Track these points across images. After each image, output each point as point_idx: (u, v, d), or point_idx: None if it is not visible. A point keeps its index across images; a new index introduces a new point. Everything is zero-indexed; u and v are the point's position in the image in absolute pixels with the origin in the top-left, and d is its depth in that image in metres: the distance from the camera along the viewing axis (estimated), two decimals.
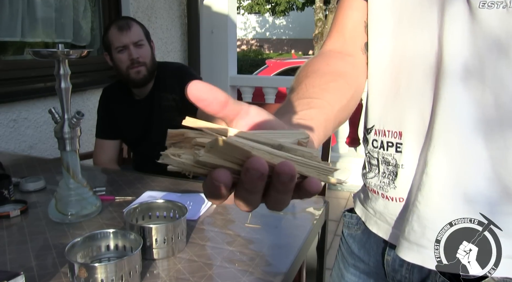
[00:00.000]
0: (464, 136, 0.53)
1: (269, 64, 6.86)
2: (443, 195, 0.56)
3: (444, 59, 0.53)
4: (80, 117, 0.99)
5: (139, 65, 1.53)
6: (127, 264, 0.71)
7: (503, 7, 0.47)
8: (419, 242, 0.59)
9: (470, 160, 0.54)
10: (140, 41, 1.53)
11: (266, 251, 0.87)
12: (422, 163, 0.58)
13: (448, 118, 0.54)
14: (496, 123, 0.52)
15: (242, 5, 19.79)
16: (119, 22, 1.55)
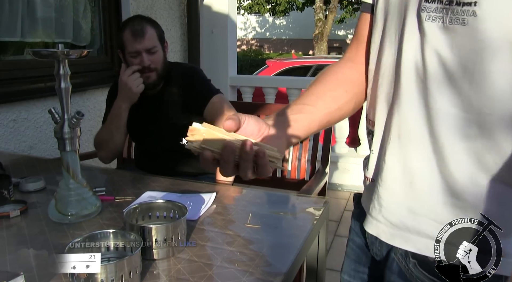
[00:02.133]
0: (413, 131, 0.63)
1: (269, 64, 6.85)
2: (396, 180, 0.67)
3: (401, 65, 0.63)
4: (80, 118, 0.99)
5: (150, 71, 1.53)
6: (127, 264, 0.71)
7: (442, 23, 0.56)
8: (377, 218, 0.72)
9: (417, 152, 0.63)
10: (153, 48, 1.53)
11: (266, 251, 0.87)
12: (383, 150, 0.69)
13: (401, 115, 0.65)
14: (436, 122, 0.61)
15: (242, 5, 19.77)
16: (134, 25, 1.52)
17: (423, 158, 0.63)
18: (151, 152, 1.68)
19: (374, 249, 0.78)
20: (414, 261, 0.66)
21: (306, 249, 0.95)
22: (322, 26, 13.33)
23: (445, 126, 0.60)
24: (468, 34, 0.54)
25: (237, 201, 1.16)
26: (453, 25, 0.55)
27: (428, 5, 0.57)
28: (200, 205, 1.08)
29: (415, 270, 0.66)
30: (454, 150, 0.59)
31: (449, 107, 0.59)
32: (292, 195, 1.20)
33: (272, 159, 0.61)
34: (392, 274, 0.71)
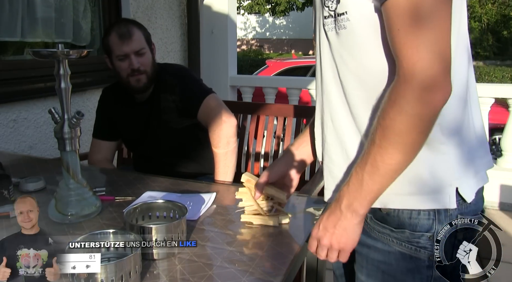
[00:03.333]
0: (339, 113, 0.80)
1: (269, 64, 6.85)
2: (338, 154, 0.83)
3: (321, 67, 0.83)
4: (80, 117, 0.99)
5: (140, 73, 1.49)
6: (127, 264, 0.71)
7: (335, 31, 0.74)
8: (332, 188, 0.85)
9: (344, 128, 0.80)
10: (141, 50, 1.49)
11: (266, 251, 0.87)
12: (323, 134, 0.87)
13: (330, 103, 0.82)
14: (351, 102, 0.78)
15: (242, 5, 19.76)
16: (120, 28, 1.49)
17: (349, 130, 0.79)
18: (147, 156, 1.67)
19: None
20: (370, 215, 0.81)
21: (306, 249, 0.95)
22: None
23: (354, 104, 0.77)
24: (350, 35, 0.72)
25: (237, 201, 1.16)
26: (340, 30, 0.73)
27: (325, 21, 0.76)
28: (200, 205, 1.08)
29: (372, 223, 0.80)
30: (362, 120, 0.76)
31: (352, 89, 0.76)
32: (292, 195, 1.20)
33: (277, 200, 0.97)
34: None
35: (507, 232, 2.52)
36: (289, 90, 3.55)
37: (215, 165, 1.51)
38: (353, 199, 0.72)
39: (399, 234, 0.75)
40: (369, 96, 0.74)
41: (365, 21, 0.70)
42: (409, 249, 0.74)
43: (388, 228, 0.77)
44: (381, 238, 0.79)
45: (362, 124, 0.76)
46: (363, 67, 0.73)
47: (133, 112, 1.60)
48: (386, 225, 0.77)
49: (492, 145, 4.76)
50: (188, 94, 1.55)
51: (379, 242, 0.79)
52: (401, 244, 0.75)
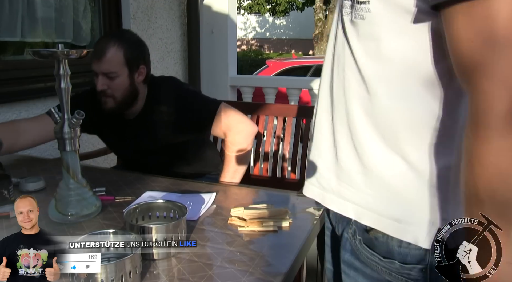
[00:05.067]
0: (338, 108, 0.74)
1: (269, 64, 6.85)
2: (328, 150, 0.77)
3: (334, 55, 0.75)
4: (80, 118, 0.99)
5: (105, 96, 1.36)
6: (127, 264, 0.71)
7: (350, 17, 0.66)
8: (312, 182, 0.83)
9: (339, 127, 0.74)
10: (111, 74, 1.34)
11: (266, 251, 0.87)
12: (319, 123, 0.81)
13: (333, 95, 0.76)
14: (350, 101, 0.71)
15: (242, 5, 19.76)
16: (98, 43, 1.38)
17: (343, 132, 0.73)
18: (133, 160, 1.59)
19: (336, 230, 0.84)
20: (359, 238, 0.74)
21: (306, 249, 0.95)
22: (322, 26, 13.32)
23: (354, 104, 0.70)
24: (368, 27, 0.64)
25: (237, 201, 1.16)
26: (357, 20, 0.65)
27: (345, 2, 0.67)
28: (200, 205, 1.08)
29: (361, 247, 0.73)
30: (361, 125, 0.70)
31: (357, 87, 0.69)
32: (292, 195, 1.20)
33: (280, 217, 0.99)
34: (346, 252, 0.78)
35: None
36: (289, 90, 3.55)
37: (225, 166, 1.44)
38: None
39: (388, 264, 0.69)
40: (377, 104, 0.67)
41: (389, 18, 0.61)
42: (399, 280, 0.69)
43: (377, 256, 0.71)
44: (369, 263, 0.73)
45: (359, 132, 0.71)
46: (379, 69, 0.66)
47: (122, 130, 1.50)
48: (375, 252, 0.71)
49: None
50: (194, 113, 1.43)
51: (367, 268, 0.74)
52: (391, 274, 0.70)
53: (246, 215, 0.98)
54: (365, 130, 0.70)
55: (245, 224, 0.97)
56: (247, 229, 0.96)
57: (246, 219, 0.97)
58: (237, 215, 1.00)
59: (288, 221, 0.98)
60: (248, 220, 0.97)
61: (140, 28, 2.95)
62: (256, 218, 0.97)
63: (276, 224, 0.96)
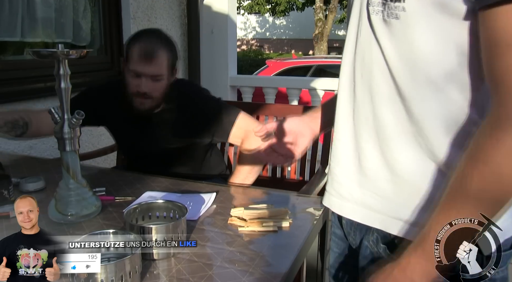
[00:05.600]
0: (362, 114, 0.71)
1: (269, 64, 6.85)
2: (348, 157, 0.75)
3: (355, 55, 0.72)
4: (80, 118, 0.99)
5: (146, 98, 1.35)
6: (127, 264, 0.71)
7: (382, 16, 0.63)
8: (329, 190, 0.81)
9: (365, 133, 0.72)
10: (158, 77, 1.33)
11: (266, 251, 0.87)
12: (338, 129, 0.79)
13: (356, 101, 0.72)
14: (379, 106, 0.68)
15: (242, 5, 19.75)
16: (146, 43, 1.33)
17: (369, 138, 0.70)
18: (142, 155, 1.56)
19: (349, 238, 0.83)
20: (384, 246, 0.72)
21: (306, 249, 0.95)
22: (322, 26, 13.32)
23: (384, 108, 0.67)
24: (402, 27, 0.61)
25: (237, 201, 1.16)
26: (390, 19, 0.62)
27: (373, 0, 0.64)
28: (200, 205, 1.08)
29: (385, 254, 0.71)
30: (394, 132, 0.67)
31: (388, 92, 0.66)
32: (292, 195, 1.20)
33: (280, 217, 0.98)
34: (365, 260, 0.76)
35: None
36: (289, 90, 3.56)
37: (238, 167, 1.44)
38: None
39: None
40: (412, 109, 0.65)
41: (426, 18, 0.59)
42: None
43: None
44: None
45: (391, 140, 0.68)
46: (412, 73, 0.64)
47: (138, 124, 1.48)
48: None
49: None
50: (218, 118, 1.43)
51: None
52: None
53: (246, 215, 0.98)
54: (397, 136, 0.67)
55: (245, 224, 0.97)
56: (247, 229, 0.96)
57: (246, 219, 0.97)
58: (237, 215, 1.00)
59: (288, 221, 0.98)
60: (248, 220, 0.97)
61: (140, 28, 2.95)
62: (256, 218, 0.97)
63: (276, 224, 0.96)
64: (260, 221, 0.97)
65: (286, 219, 0.99)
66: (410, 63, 0.63)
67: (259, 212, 0.98)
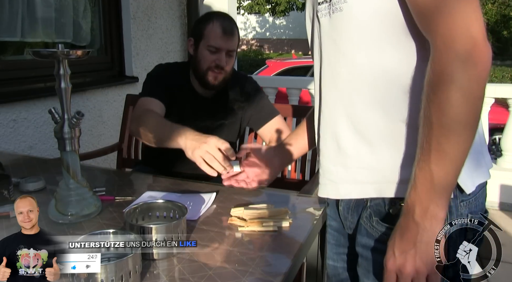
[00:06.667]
0: (332, 103, 0.80)
1: (269, 64, 6.86)
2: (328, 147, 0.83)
3: (314, 54, 0.87)
4: (80, 118, 0.99)
5: (221, 72, 1.47)
6: (127, 264, 0.71)
7: (329, 15, 0.74)
8: (323, 182, 0.86)
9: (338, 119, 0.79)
10: (233, 52, 1.48)
11: (266, 251, 0.87)
12: (319, 128, 0.86)
13: (324, 96, 0.82)
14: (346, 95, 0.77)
15: (242, 5, 19.75)
16: (225, 21, 1.47)
17: (342, 120, 0.78)
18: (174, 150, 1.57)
19: (347, 223, 0.87)
20: (376, 219, 0.77)
21: (306, 249, 0.95)
22: None
23: (347, 90, 0.76)
24: (346, 18, 0.71)
25: (237, 201, 1.16)
26: (335, 14, 0.72)
27: (319, 7, 0.77)
28: (200, 205, 1.08)
29: (378, 226, 0.77)
30: (360, 103, 0.75)
31: (345, 74, 0.76)
32: (292, 195, 1.20)
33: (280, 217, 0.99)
34: (362, 237, 0.82)
35: (507, 232, 2.52)
36: (289, 90, 3.55)
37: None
38: (427, 203, 0.62)
39: None
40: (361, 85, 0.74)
41: (366, 3, 0.69)
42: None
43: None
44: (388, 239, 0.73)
45: (359, 113, 0.76)
46: (357, 55, 0.73)
47: (192, 100, 1.55)
48: (394, 225, 0.72)
49: (492, 144, 4.75)
50: (259, 108, 1.58)
51: (386, 244, 0.73)
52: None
53: (246, 215, 0.98)
54: (363, 108, 0.75)
55: (245, 224, 0.97)
56: (247, 229, 0.96)
57: (246, 219, 0.97)
58: (237, 215, 1.00)
59: (288, 221, 0.98)
60: (248, 220, 0.97)
61: (140, 28, 2.95)
62: (256, 218, 0.97)
63: (276, 224, 0.97)
64: (260, 221, 0.97)
65: (286, 219, 0.99)
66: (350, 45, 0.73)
67: (259, 212, 0.98)
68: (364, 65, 0.73)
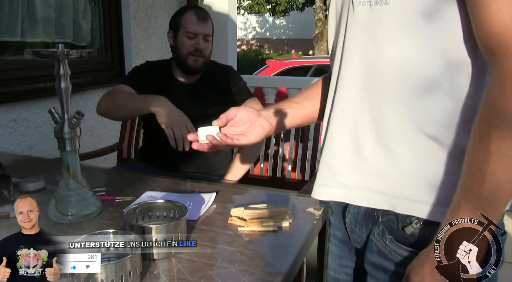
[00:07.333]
0: (354, 104, 0.73)
1: (269, 64, 6.85)
2: (344, 147, 0.76)
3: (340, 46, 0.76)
4: (80, 118, 0.99)
5: (201, 55, 1.60)
6: (127, 264, 0.71)
7: (369, 6, 0.68)
8: (329, 183, 0.79)
9: (359, 119, 0.73)
10: (209, 37, 1.62)
11: (266, 251, 0.87)
12: (330, 123, 0.79)
13: (342, 90, 0.75)
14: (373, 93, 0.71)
15: (242, 5, 19.76)
16: (198, 10, 1.63)
17: (366, 122, 0.72)
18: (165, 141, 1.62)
19: (354, 236, 0.82)
20: (390, 237, 0.72)
21: (306, 249, 0.95)
22: (322, 26, 13.31)
23: (376, 89, 0.70)
24: (392, 12, 0.65)
25: (237, 201, 1.16)
26: (378, 6, 0.66)
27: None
28: (200, 205, 1.08)
29: (392, 245, 0.71)
30: (389, 111, 0.69)
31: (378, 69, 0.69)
32: (292, 195, 1.20)
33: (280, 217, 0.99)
34: (373, 254, 0.76)
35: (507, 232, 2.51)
36: (289, 90, 3.55)
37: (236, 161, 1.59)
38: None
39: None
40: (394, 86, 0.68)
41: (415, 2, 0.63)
42: None
43: (414, 251, 0.67)
44: (403, 262, 0.69)
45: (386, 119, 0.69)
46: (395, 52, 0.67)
47: (175, 91, 1.64)
48: (411, 247, 0.69)
49: None
50: (234, 90, 1.67)
51: (400, 267, 0.69)
52: None
53: (246, 215, 0.98)
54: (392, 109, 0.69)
55: (245, 224, 0.97)
56: (247, 229, 0.96)
57: (246, 219, 0.97)
58: (237, 215, 1.00)
59: (288, 221, 0.98)
60: (248, 220, 0.97)
61: (140, 28, 2.95)
62: (256, 218, 0.97)
63: (276, 224, 0.97)
64: (260, 221, 0.97)
65: (286, 219, 0.99)
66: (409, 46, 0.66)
67: (259, 212, 0.98)
68: (404, 65, 0.67)
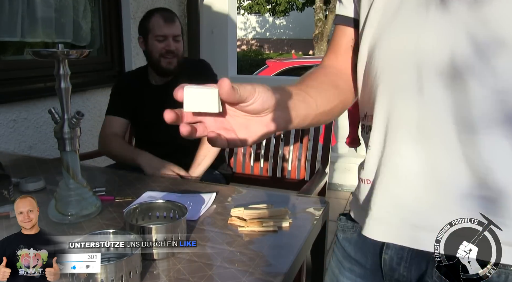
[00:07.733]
0: (438, 123, 0.56)
1: (269, 64, 6.85)
2: (416, 174, 0.58)
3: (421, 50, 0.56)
4: (80, 118, 0.99)
5: (173, 56, 1.63)
6: (127, 265, 0.71)
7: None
8: (389, 221, 0.62)
9: (441, 143, 0.56)
10: (178, 37, 1.66)
11: (266, 251, 0.87)
12: (390, 144, 0.61)
13: (424, 104, 0.56)
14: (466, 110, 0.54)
15: (242, 5, 19.75)
16: (164, 13, 1.65)
17: (449, 147, 0.55)
18: (152, 142, 1.68)
19: (396, 276, 0.66)
20: (435, 270, 0.58)
21: (306, 249, 0.95)
22: (322, 26, 13.31)
23: (477, 110, 0.52)
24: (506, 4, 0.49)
25: (237, 201, 1.16)
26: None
27: None
28: (200, 205, 1.08)
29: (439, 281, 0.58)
30: (489, 137, 0.52)
31: (481, 88, 0.52)
32: (292, 195, 1.20)
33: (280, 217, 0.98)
34: None
35: None
36: None
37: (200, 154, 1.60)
38: None
39: None
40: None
41: None
42: None
43: None
44: None
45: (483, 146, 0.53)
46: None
47: (148, 95, 1.68)
48: None
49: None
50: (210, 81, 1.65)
51: None
52: None
53: (246, 215, 0.98)
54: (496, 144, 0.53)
55: (245, 224, 0.97)
56: (247, 229, 0.96)
57: (246, 219, 0.97)
58: (237, 215, 1.00)
59: (288, 221, 0.98)
60: (248, 220, 0.97)
61: None
62: (256, 218, 0.97)
63: (276, 224, 0.97)
64: (260, 221, 0.97)
65: (286, 219, 0.99)
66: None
67: (259, 212, 0.98)
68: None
